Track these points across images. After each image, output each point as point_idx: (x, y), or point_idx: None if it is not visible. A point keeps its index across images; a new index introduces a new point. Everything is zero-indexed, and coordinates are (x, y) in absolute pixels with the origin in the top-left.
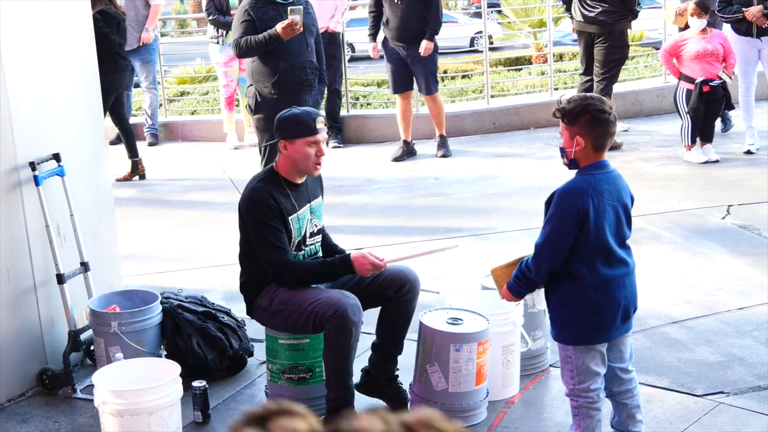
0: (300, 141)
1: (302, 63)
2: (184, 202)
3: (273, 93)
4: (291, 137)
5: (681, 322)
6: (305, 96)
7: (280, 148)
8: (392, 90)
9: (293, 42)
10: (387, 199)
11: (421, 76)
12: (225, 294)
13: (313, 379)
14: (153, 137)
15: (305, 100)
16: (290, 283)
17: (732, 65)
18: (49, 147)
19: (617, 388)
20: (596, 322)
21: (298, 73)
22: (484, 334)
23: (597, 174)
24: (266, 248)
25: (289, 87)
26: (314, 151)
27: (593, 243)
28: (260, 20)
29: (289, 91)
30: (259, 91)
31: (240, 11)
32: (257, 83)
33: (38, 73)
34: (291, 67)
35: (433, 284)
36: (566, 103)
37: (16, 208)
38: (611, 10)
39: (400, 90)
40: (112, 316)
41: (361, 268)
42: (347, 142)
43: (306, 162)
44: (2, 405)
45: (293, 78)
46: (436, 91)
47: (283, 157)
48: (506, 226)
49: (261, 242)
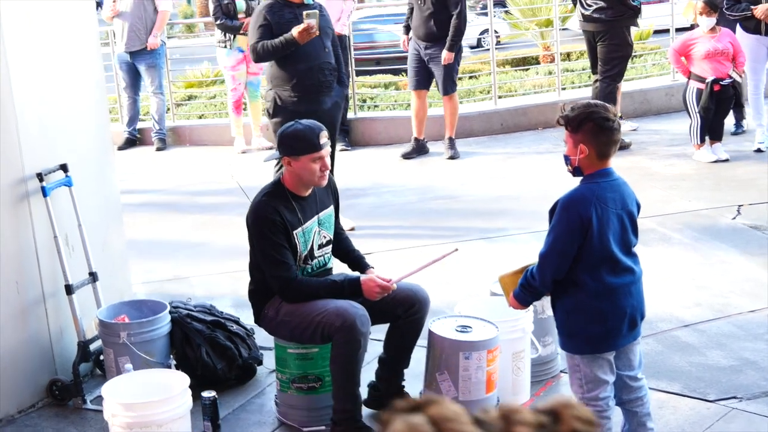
0: (304, 158)
1: (320, 65)
2: (193, 207)
3: (293, 96)
4: (294, 154)
5: (692, 325)
6: (325, 97)
7: (284, 163)
8: (409, 86)
9: (310, 45)
10: (396, 202)
11: (439, 76)
12: (234, 301)
13: (323, 389)
14: (161, 142)
15: (325, 102)
16: (295, 299)
17: (741, 63)
18: (57, 157)
19: (627, 396)
20: (602, 331)
21: (316, 75)
22: (493, 342)
23: (601, 182)
24: (271, 264)
25: (309, 89)
26: (319, 166)
27: (597, 252)
28: (276, 24)
29: (308, 93)
30: (278, 95)
31: (256, 15)
32: (276, 87)
33: (45, 83)
34: (309, 69)
35: (442, 290)
36: (570, 111)
37: (24, 220)
38: (606, 8)
39: (417, 87)
40: (121, 327)
41: (369, 292)
42: (355, 144)
43: (311, 176)
44: (13, 416)
45: (312, 80)
46: (453, 92)
47: (288, 172)
48: (515, 229)
49: (265, 258)
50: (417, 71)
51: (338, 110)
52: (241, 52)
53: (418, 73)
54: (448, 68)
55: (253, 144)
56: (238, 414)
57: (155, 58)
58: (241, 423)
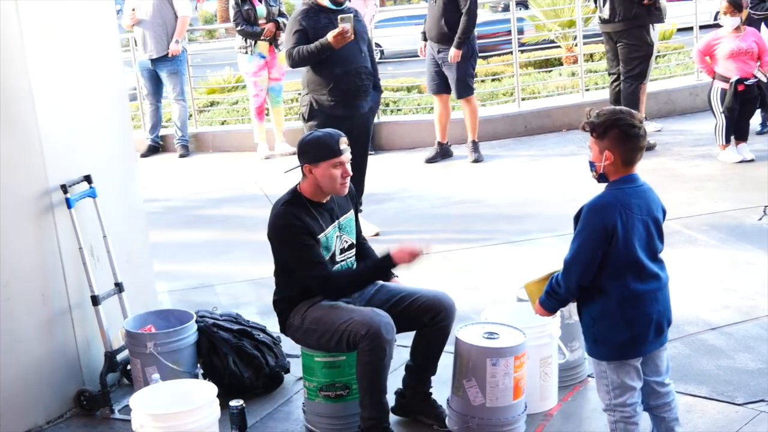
0: (324, 164)
1: (357, 69)
2: (216, 214)
3: (330, 101)
4: (315, 161)
5: (719, 328)
6: (361, 102)
7: (305, 171)
8: (428, 91)
9: (346, 49)
10: (420, 206)
11: (452, 80)
12: (260, 309)
13: (351, 396)
14: (184, 149)
15: (362, 106)
16: (337, 294)
17: (767, 63)
18: (80, 168)
19: (654, 402)
20: (629, 338)
21: (353, 80)
22: (520, 348)
23: (626, 188)
24: (305, 267)
25: (346, 94)
26: (340, 173)
27: (623, 258)
28: (312, 29)
29: (345, 97)
30: (315, 99)
31: (292, 21)
32: (313, 92)
33: (67, 94)
34: (346, 73)
35: (468, 295)
36: (595, 117)
37: (49, 231)
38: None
39: (435, 91)
40: (147, 337)
41: (401, 258)
42: (378, 149)
43: (332, 184)
44: (41, 427)
45: (349, 84)
46: (469, 95)
47: (308, 181)
48: (540, 232)
49: (299, 263)
50: (433, 75)
51: (373, 115)
52: (263, 58)
53: (435, 77)
54: (461, 71)
55: (277, 149)
56: (266, 422)
57: (177, 64)
58: (269, 431)
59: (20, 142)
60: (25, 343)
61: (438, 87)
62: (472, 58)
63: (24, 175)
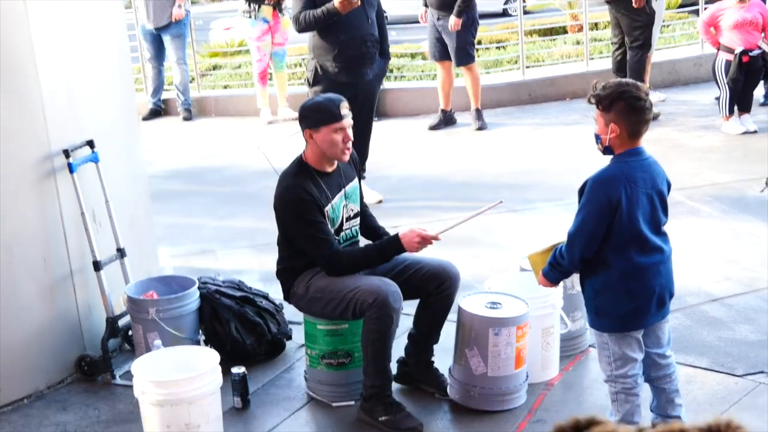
0: (325, 129)
1: (363, 36)
2: (219, 179)
3: (335, 67)
4: (315, 126)
5: (720, 299)
6: (366, 69)
7: (306, 137)
8: (430, 58)
9: (353, 15)
10: (423, 174)
11: (451, 48)
12: (262, 275)
13: (353, 364)
14: (187, 112)
15: (366, 74)
16: (343, 272)
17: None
18: (83, 133)
19: (655, 373)
20: (631, 310)
21: (358, 47)
22: (523, 318)
23: (631, 161)
24: (313, 244)
25: (350, 60)
26: (341, 138)
27: (626, 231)
28: None
29: (350, 64)
30: (320, 65)
31: None
32: (318, 57)
33: (71, 59)
34: (351, 40)
35: (471, 264)
36: (601, 90)
37: (50, 196)
38: None
39: (437, 58)
40: (149, 303)
41: (410, 245)
42: (382, 115)
43: (333, 149)
44: (42, 392)
45: (354, 51)
46: (469, 63)
47: (310, 147)
48: (543, 201)
49: (306, 239)
50: (434, 42)
51: (379, 83)
52: (266, 23)
53: (436, 44)
54: (460, 39)
55: (280, 115)
56: (268, 389)
57: (180, 28)
58: (271, 398)
59: (23, 106)
60: (27, 308)
61: (440, 54)
62: (472, 26)
63: (26, 140)
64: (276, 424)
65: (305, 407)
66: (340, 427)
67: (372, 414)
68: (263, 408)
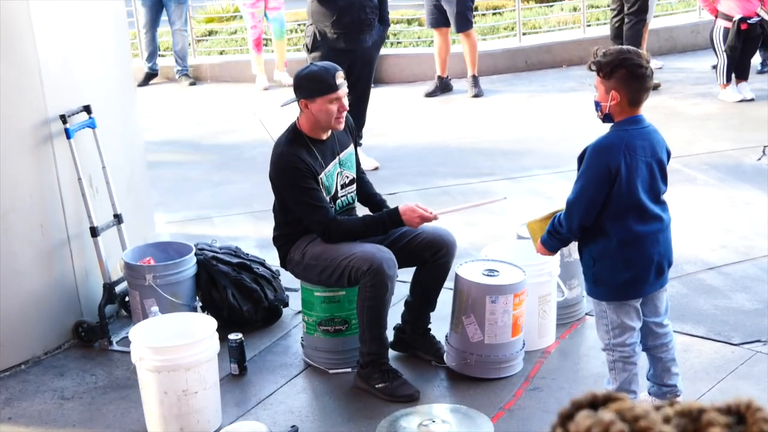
0: (320, 99)
1: (361, 2)
2: (215, 146)
3: (333, 33)
4: (311, 96)
5: (717, 268)
6: (365, 35)
7: (301, 106)
8: (426, 24)
9: None
10: (420, 141)
11: (451, 14)
12: (258, 242)
13: (349, 331)
14: (188, 78)
15: (365, 40)
16: (339, 240)
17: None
18: (80, 99)
19: (652, 342)
20: (629, 278)
21: (357, 13)
22: (520, 286)
23: (630, 129)
24: (308, 211)
25: (348, 26)
26: (336, 107)
27: (625, 199)
28: None
29: (349, 30)
30: (318, 31)
31: None
32: (317, 23)
33: (67, 24)
34: (350, 6)
35: (468, 231)
36: (602, 56)
37: (47, 162)
38: None
39: (435, 25)
40: (146, 269)
41: (410, 221)
42: (378, 82)
43: (328, 119)
44: (39, 358)
45: (352, 17)
46: (468, 29)
47: (305, 115)
48: (539, 168)
49: (302, 206)
50: (433, 9)
51: (377, 49)
52: None
53: (434, 11)
54: (460, 5)
55: (276, 77)
56: (264, 356)
57: None
58: (268, 365)
59: (19, 72)
60: (24, 274)
61: (437, 20)
62: None
63: (23, 105)
64: (273, 390)
65: (302, 374)
66: (337, 395)
67: (369, 381)
68: (260, 375)
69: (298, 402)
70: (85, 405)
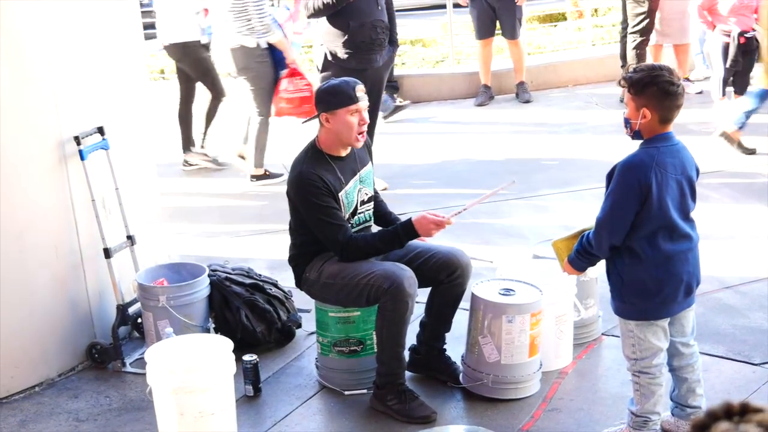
0: (341, 111)
1: (372, 22)
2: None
3: (344, 53)
4: (332, 108)
5: (734, 287)
6: (376, 55)
7: (322, 121)
8: (476, 36)
9: (363, 1)
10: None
11: (509, 21)
12: (270, 263)
13: (364, 352)
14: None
15: (376, 60)
16: (355, 258)
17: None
18: (93, 120)
19: (678, 363)
20: (658, 298)
21: (368, 33)
22: (537, 305)
23: (661, 147)
24: (326, 229)
25: (359, 46)
26: (357, 120)
27: (656, 218)
28: None
29: (360, 50)
30: (330, 51)
31: None
32: (328, 43)
33: (82, 45)
34: (361, 26)
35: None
36: (633, 73)
37: (61, 183)
38: None
39: (485, 36)
40: (160, 290)
41: (424, 230)
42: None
43: (349, 132)
44: (53, 380)
45: (363, 37)
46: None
47: (325, 131)
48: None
49: (319, 224)
50: (484, 21)
51: (387, 70)
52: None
53: (485, 22)
54: (518, 13)
55: None
56: (278, 377)
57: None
58: (282, 386)
59: (34, 93)
60: (38, 295)
61: (489, 32)
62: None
63: (37, 126)
64: (288, 412)
65: (317, 395)
66: (352, 416)
67: (385, 402)
68: (275, 396)
69: (314, 423)
70: (100, 427)
